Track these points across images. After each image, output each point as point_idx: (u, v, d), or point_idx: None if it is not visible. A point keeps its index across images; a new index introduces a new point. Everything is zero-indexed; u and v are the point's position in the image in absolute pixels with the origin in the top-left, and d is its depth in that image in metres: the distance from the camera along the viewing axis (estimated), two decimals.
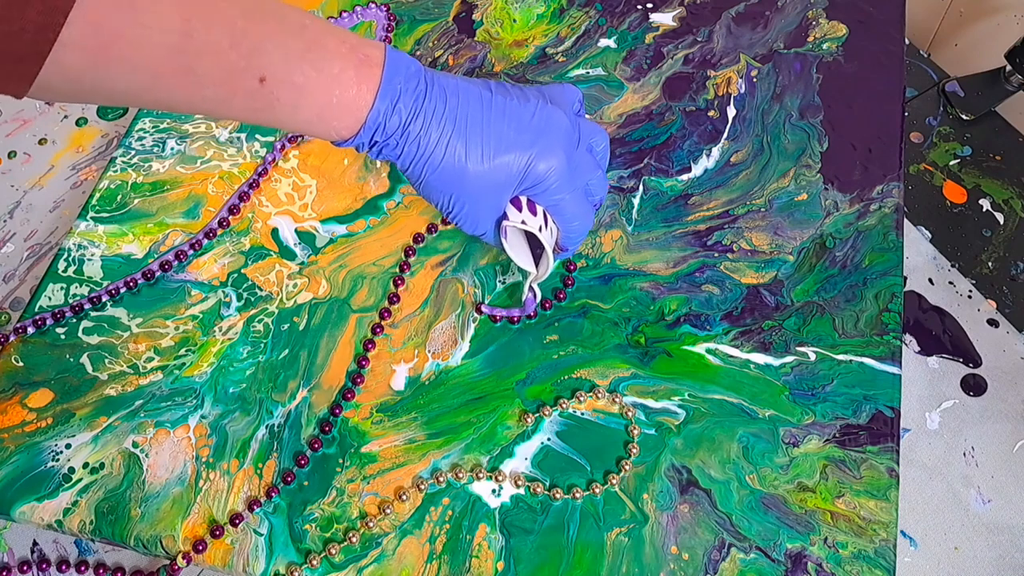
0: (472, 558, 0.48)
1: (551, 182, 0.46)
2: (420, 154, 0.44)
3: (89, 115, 0.67)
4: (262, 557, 0.48)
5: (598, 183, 0.49)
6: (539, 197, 0.47)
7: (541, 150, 0.45)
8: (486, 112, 0.45)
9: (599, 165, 0.49)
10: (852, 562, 0.47)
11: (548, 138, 0.46)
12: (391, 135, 0.44)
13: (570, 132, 0.47)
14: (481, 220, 0.47)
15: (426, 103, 0.44)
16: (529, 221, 0.47)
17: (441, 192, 0.46)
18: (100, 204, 0.59)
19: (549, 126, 0.46)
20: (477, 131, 0.44)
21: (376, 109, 0.43)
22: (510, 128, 0.45)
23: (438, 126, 0.44)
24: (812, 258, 0.57)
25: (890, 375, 0.53)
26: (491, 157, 0.45)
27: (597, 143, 0.50)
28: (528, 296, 0.54)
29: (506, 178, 0.45)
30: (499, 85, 0.47)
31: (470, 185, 0.45)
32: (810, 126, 0.63)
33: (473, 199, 0.46)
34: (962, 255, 0.62)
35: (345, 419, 0.52)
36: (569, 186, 0.47)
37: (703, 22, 0.68)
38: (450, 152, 0.44)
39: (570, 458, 0.51)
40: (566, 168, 0.46)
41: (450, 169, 0.45)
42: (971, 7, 0.71)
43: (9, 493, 0.49)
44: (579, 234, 0.50)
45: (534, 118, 0.46)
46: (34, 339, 0.54)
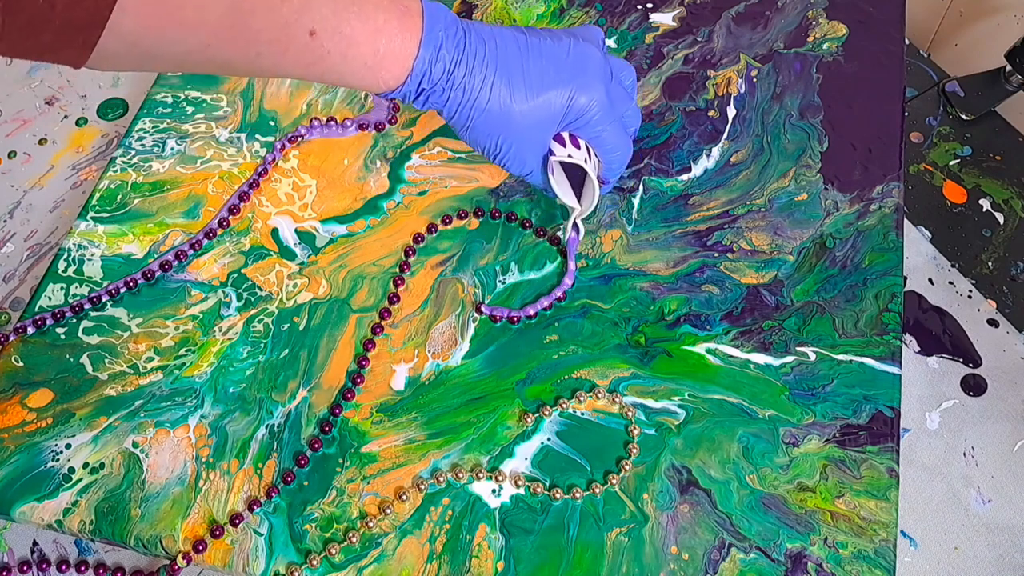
0: (472, 558, 0.48)
1: (593, 114, 0.48)
2: (466, 99, 0.45)
3: (89, 115, 0.67)
4: (262, 557, 0.48)
5: (633, 114, 0.51)
6: (582, 131, 0.49)
7: (581, 85, 0.47)
8: (524, 53, 0.46)
9: (632, 96, 0.51)
10: (852, 562, 0.47)
11: (586, 73, 0.47)
12: (437, 82, 0.45)
13: (604, 66, 0.48)
14: (528, 159, 0.49)
15: (467, 49, 0.45)
16: (575, 155, 0.49)
17: (488, 135, 0.47)
18: (100, 204, 0.59)
19: (585, 62, 0.47)
20: (518, 72, 0.46)
21: (421, 57, 0.44)
22: (549, 66, 0.46)
23: (481, 70, 0.45)
24: (812, 258, 0.57)
25: (890, 375, 0.53)
26: (535, 95, 0.46)
27: (626, 76, 0.51)
28: (572, 235, 0.55)
29: (550, 115, 0.47)
30: (530, 29, 0.48)
31: (516, 125, 0.47)
32: (810, 126, 0.63)
33: (520, 138, 0.47)
34: (962, 255, 0.62)
35: (345, 419, 0.52)
36: (609, 117, 0.49)
37: (703, 22, 0.68)
38: (495, 94, 0.45)
39: (570, 458, 0.51)
40: (606, 100, 0.48)
41: (496, 111, 0.46)
42: (971, 7, 0.71)
43: (9, 493, 0.49)
44: (620, 164, 0.52)
45: (569, 55, 0.47)
46: (34, 339, 0.54)
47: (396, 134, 0.63)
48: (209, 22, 0.38)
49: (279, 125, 0.63)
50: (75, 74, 0.69)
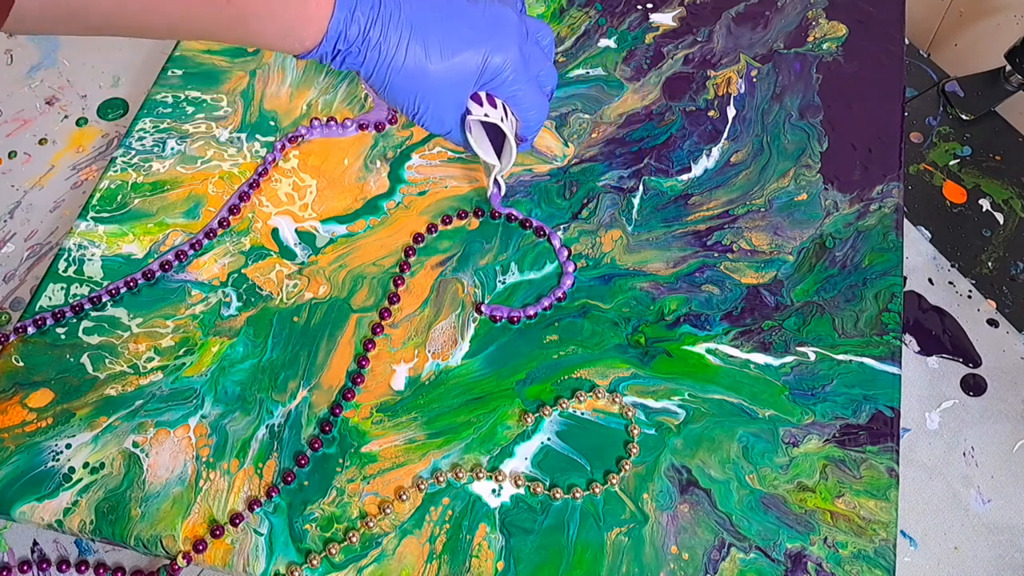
0: (472, 558, 0.48)
1: (507, 74, 0.49)
2: (382, 59, 0.46)
3: (89, 115, 0.67)
4: (262, 557, 0.48)
5: (548, 73, 0.52)
6: (497, 90, 0.50)
7: (495, 45, 0.48)
8: (439, 14, 0.47)
9: (548, 56, 0.52)
10: (852, 562, 0.47)
11: (500, 33, 0.48)
12: (353, 43, 0.46)
13: (519, 26, 0.49)
14: (446, 117, 0.50)
15: (382, 10, 0.46)
16: (491, 113, 0.50)
17: (406, 93, 0.48)
18: (100, 204, 0.59)
19: (500, 22, 0.49)
20: (434, 32, 0.47)
21: (336, 18, 0.45)
22: (464, 27, 0.48)
23: (396, 30, 0.46)
24: (812, 258, 0.57)
25: (890, 375, 0.53)
26: (450, 55, 0.47)
27: (543, 37, 0.52)
28: (493, 190, 0.57)
29: (466, 74, 0.48)
30: None
31: (432, 84, 0.48)
32: (810, 126, 0.63)
33: (437, 97, 0.48)
34: (962, 255, 0.62)
35: (345, 419, 0.52)
36: (524, 77, 0.50)
37: (703, 22, 0.68)
38: (411, 54, 0.46)
39: (570, 458, 0.51)
40: (520, 60, 0.49)
41: (412, 70, 0.47)
42: (971, 7, 0.71)
43: (9, 493, 0.49)
44: (536, 123, 0.53)
45: (484, 16, 0.48)
46: (34, 339, 0.54)
47: (396, 134, 0.63)
48: None
49: (279, 125, 0.63)
50: (75, 74, 0.69)
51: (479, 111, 0.50)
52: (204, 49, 0.66)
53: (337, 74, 0.65)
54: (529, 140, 0.54)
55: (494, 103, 0.51)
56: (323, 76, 0.65)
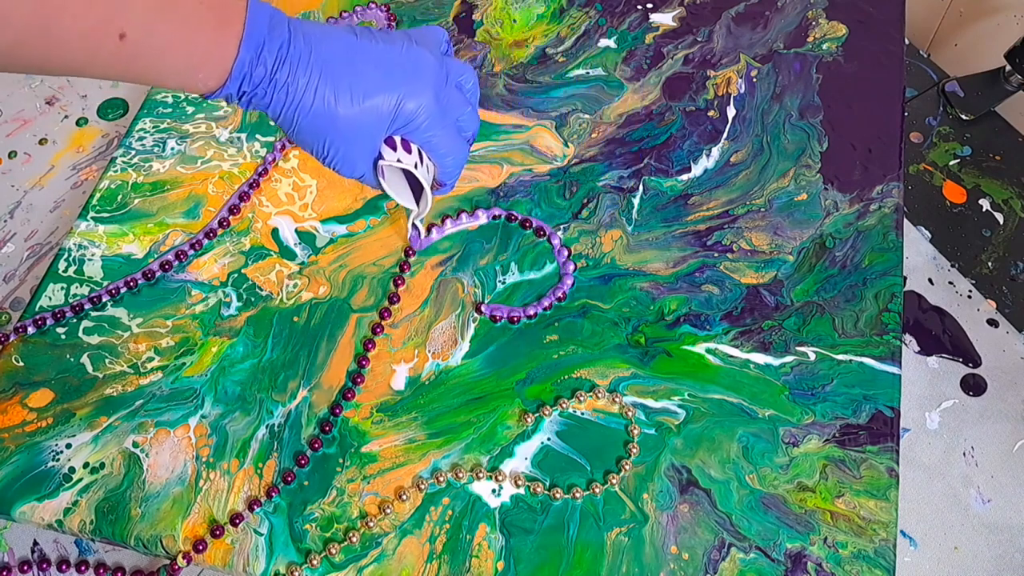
0: (472, 558, 0.48)
1: (421, 120, 0.47)
2: (290, 101, 0.45)
3: (89, 115, 0.67)
4: (262, 557, 0.48)
5: (469, 118, 0.50)
6: (412, 135, 0.48)
7: (410, 89, 0.47)
8: (352, 56, 0.46)
9: (469, 101, 0.51)
10: (852, 562, 0.47)
11: (416, 77, 0.47)
12: (258, 84, 0.44)
13: (437, 70, 0.48)
14: (358, 162, 0.48)
15: (291, 50, 0.44)
16: (404, 159, 0.48)
17: (315, 137, 0.46)
18: (100, 204, 0.59)
19: (415, 66, 0.47)
20: (345, 75, 0.45)
21: (241, 59, 0.43)
22: (377, 70, 0.46)
23: (305, 72, 0.44)
24: (812, 258, 0.57)
25: (890, 375, 0.53)
26: (360, 99, 0.46)
27: (466, 80, 0.51)
28: (412, 233, 0.57)
29: (377, 119, 0.47)
30: (364, 30, 0.48)
31: (342, 128, 0.46)
32: (810, 126, 0.63)
33: (347, 142, 0.47)
34: (962, 255, 0.62)
35: (345, 419, 0.52)
36: (440, 123, 0.48)
37: (703, 22, 0.68)
38: (319, 97, 0.45)
39: (570, 458, 0.51)
40: (435, 106, 0.47)
41: (321, 114, 0.45)
42: (971, 7, 0.71)
43: (9, 493, 0.49)
44: (454, 168, 0.51)
45: (400, 59, 0.47)
46: (34, 339, 0.54)
47: None
48: (15, 22, 0.38)
49: None
50: None
51: (391, 156, 0.48)
52: None
53: None
54: (448, 185, 0.52)
55: (409, 148, 0.49)
56: None
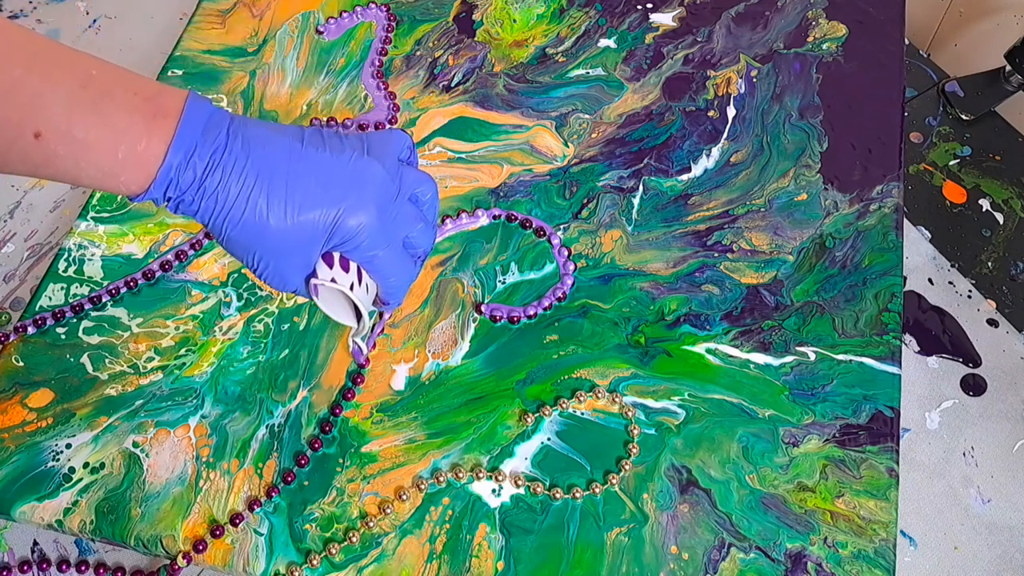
0: (472, 558, 0.48)
1: (362, 238, 0.44)
2: (219, 210, 0.42)
3: None
4: (262, 557, 0.48)
5: (420, 235, 0.46)
6: (351, 253, 0.45)
7: (351, 205, 0.43)
8: (293, 165, 0.43)
9: (422, 216, 0.47)
10: (852, 562, 0.47)
11: (359, 192, 0.43)
12: (185, 190, 0.41)
13: (386, 184, 0.44)
14: (289, 278, 0.45)
15: (225, 156, 0.41)
16: (340, 279, 0.45)
17: (244, 249, 0.43)
18: (100, 204, 0.59)
19: (361, 179, 0.44)
20: (281, 185, 0.42)
21: (168, 163, 0.40)
22: (317, 182, 0.43)
23: (238, 180, 0.41)
24: (812, 258, 0.57)
25: (890, 375, 0.53)
26: (295, 213, 0.42)
27: (423, 193, 0.47)
28: (354, 349, 0.53)
29: (312, 234, 0.43)
30: (314, 134, 0.44)
31: (274, 242, 0.43)
32: (810, 126, 0.63)
33: (278, 256, 0.43)
34: (962, 255, 0.62)
35: (345, 419, 0.52)
36: (383, 241, 0.44)
37: (703, 22, 0.68)
38: (251, 207, 0.42)
39: (570, 458, 0.51)
40: (378, 223, 0.44)
41: (252, 225, 0.42)
42: (971, 7, 0.71)
43: (9, 493, 0.49)
44: (398, 289, 0.47)
45: (345, 170, 0.44)
46: (34, 339, 0.54)
47: None
48: None
49: None
50: None
51: (327, 274, 0.44)
52: (204, 49, 0.66)
53: (337, 74, 0.65)
54: (392, 304, 0.48)
55: (347, 265, 0.45)
56: (323, 76, 0.65)
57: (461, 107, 0.64)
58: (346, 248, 0.44)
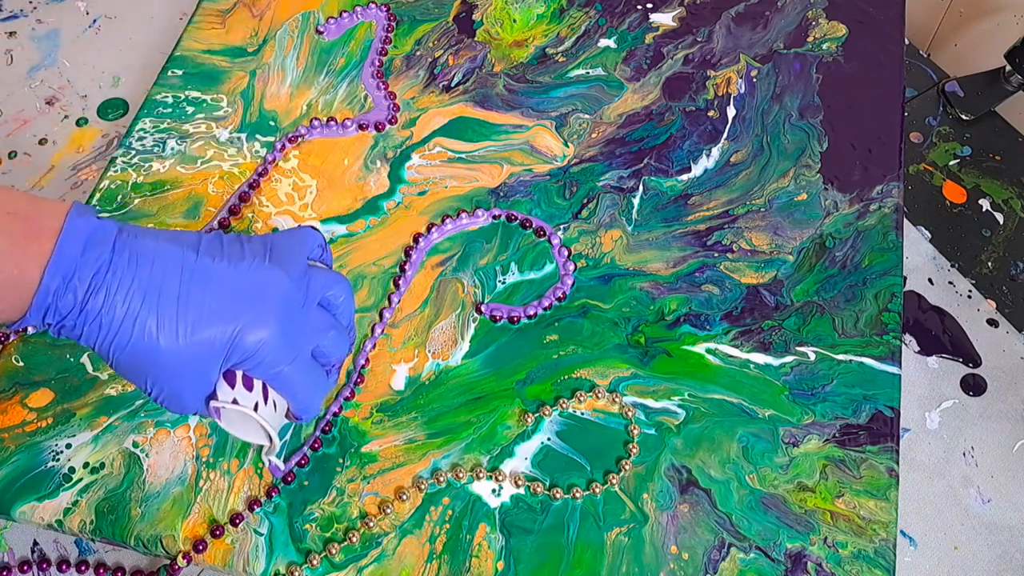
0: (472, 558, 0.48)
1: (263, 355, 0.41)
2: (104, 334, 0.39)
3: (89, 115, 0.67)
4: (262, 557, 0.48)
5: (332, 343, 0.44)
6: (253, 371, 0.42)
7: (250, 320, 0.40)
8: (186, 280, 0.40)
9: (335, 323, 0.44)
10: (852, 562, 0.47)
11: (259, 305, 0.41)
12: (66, 315, 0.38)
13: (290, 294, 0.42)
14: (187, 401, 0.42)
15: (109, 275, 0.38)
16: (243, 398, 0.42)
17: (135, 373, 0.40)
18: (100, 204, 0.59)
19: (261, 291, 0.41)
20: (172, 303, 0.39)
21: (44, 288, 0.37)
22: (213, 298, 0.40)
23: (124, 301, 0.39)
24: (812, 258, 0.57)
25: (890, 375, 0.53)
26: (188, 333, 0.39)
27: (335, 296, 0.44)
28: (270, 466, 0.50)
29: (209, 354, 0.40)
30: (212, 242, 0.42)
31: (166, 364, 0.40)
32: (810, 126, 0.63)
33: (172, 379, 0.40)
34: (962, 255, 0.62)
35: (345, 419, 0.52)
36: (287, 356, 0.42)
37: (703, 22, 0.68)
38: (140, 329, 0.39)
39: (570, 458, 0.51)
40: (281, 338, 0.41)
41: (141, 348, 0.39)
42: (971, 7, 0.71)
43: (9, 493, 0.49)
44: (309, 404, 0.44)
45: (243, 282, 0.41)
46: (34, 339, 0.54)
47: (396, 134, 0.63)
48: None
49: (279, 125, 0.63)
50: (75, 74, 0.69)
51: (228, 394, 0.41)
52: (204, 49, 0.66)
53: (337, 74, 0.65)
54: (305, 418, 0.45)
55: (251, 384, 0.42)
56: (323, 76, 0.65)
57: (461, 107, 0.64)
58: (247, 366, 0.41)
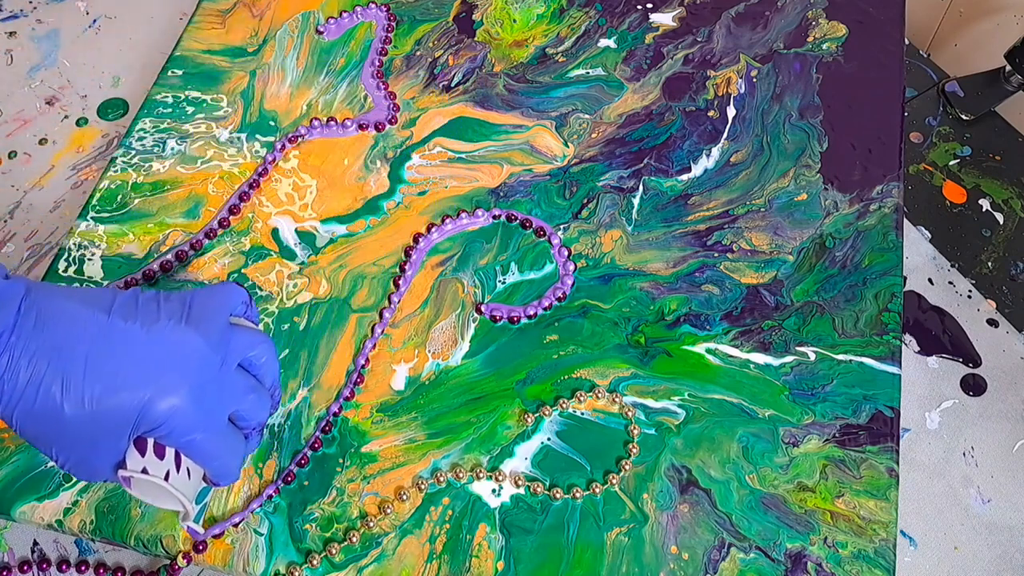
0: (472, 558, 0.48)
1: (173, 424, 0.39)
2: (7, 399, 0.37)
3: (89, 115, 0.67)
4: (262, 557, 0.48)
5: (252, 407, 0.42)
6: (164, 440, 0.40)
7: (160, 387, 0.38)
8: (95, 343, 0.38)
9: (255, 386, 0.43)
10: (852, 562, 0.47)
11: (171, 371, 0.39)
12: None
13: (206, 358, 0.40)
14: (97, 469, 0.40)
15: (13, 338, 0.37)
16: (153, 467, 0.40)
17: (41, 440, 0.39)
18: (100, 204, 0.59)
19: (174, 355, 0.39)
20: (79, 368, 0.37)
21: None
22: (122, 363, 0.38)
23: (28, 365, 0.37)
24: (812, 258, 0.57)
25: (890, 375, 0.53)
26: (95, 400, 0.38)
27: (257, 356, 0.43)
28: (189, 530, 0.47)
29: (116, 423, 0.38)
30: (127, 302, 0.40)
31: (71, 432, 0.38)
32: (810, 126, 0.63)
33: (77, 448, 0.39)
34: (962, 255, 0.62)
35: (345, 419, 0.52)
36: (200, 423, 0.40)
37: (703, 22, 0.68)
38: (44, 395, 0.37)
39: (570, 458, 0.51)
40: (193, 405, 0.39)
41: (46, 415, 0.37)
42: (971, 7, 0.71)
43: (9, 493, 0.49)
44: (225, 471, 0.42)
45: (155, 346, 0.39)
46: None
47: (396, 134, 0.63)
48: None
49: (279, 125, 0.63)
50: (76, 74, 0.69)
51: (137, 463, 0.40)
52: (204, 49, 0.66)
53: (337, 74, 0.65)
54: (224, 483, 0.44)
55: (163, 452, 0.41)
56: (323, 76, 0.65)
57: (461, 107, 0.64)
58: (157, 434, 0.39)
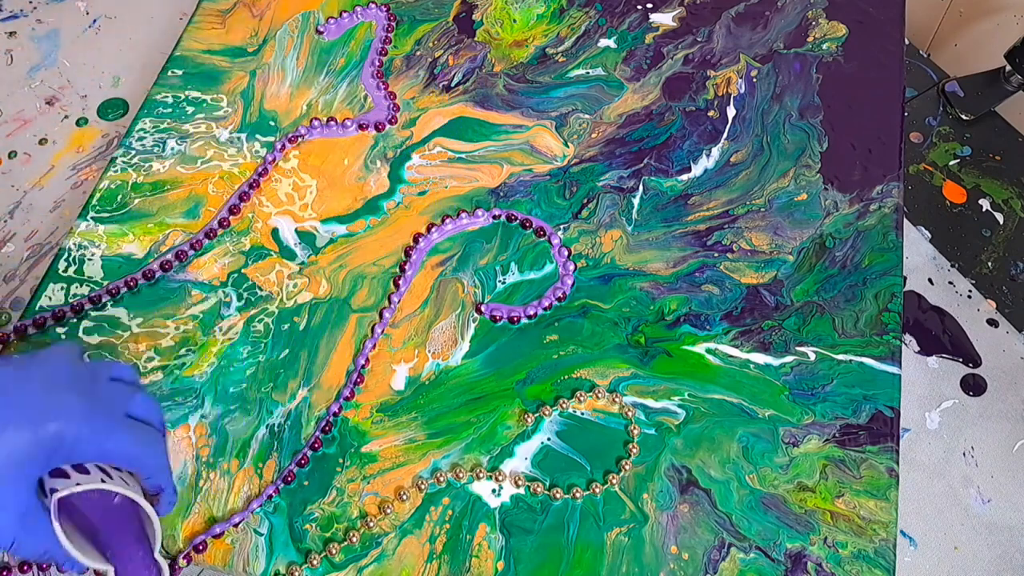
0: (472, 558, 0.48)
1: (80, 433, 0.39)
2: None
3: (89, 115, 0.67)
4: (262, 557, 0.48)
5: (143, 405, 0.43)
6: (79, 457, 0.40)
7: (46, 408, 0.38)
8: None
9: (132, 393, 0.43)
10: (852, 562, 0.47)
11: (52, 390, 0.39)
12: None
13: (76, 370, 0.41)
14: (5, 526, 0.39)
15: None
16: (85, 480, 0.39)
17: None
18: (100, 204, 0.59)
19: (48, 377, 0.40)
20: None
21: None
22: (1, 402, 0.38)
23: None
24: (812, 258, 0.57)
25: (890, 375, 0.53)
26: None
27: (121, 373, 0.44)
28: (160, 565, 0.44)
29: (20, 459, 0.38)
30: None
31: None
32: (810, 126, 0.63)
33: None
34: (962, 255, 0.62)
35: (345, 419, 0.52)
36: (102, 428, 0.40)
37: (703, 22, 0.68)
38: None
39: (570, 458, 0.51)
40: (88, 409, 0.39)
41: None
42: (971, 7, 0.71)
43: None
44: (157, 468, 0.42)
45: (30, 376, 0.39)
46: (35, 339, 0.54)
47: (396, 134, 0.63)
48: None
49: (279, 125, 0.63)
50: (76, 74, 0.69)
51: (67, 484, 0.38)
52: (204, 49, 0.66)
53: (337, 74, 0.65)
54: (168, 488, 0.44)
55: (86, 469, 0.40)
56: (323, 76, 0.65)
57: (461, 107, 0.64)
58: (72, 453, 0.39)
